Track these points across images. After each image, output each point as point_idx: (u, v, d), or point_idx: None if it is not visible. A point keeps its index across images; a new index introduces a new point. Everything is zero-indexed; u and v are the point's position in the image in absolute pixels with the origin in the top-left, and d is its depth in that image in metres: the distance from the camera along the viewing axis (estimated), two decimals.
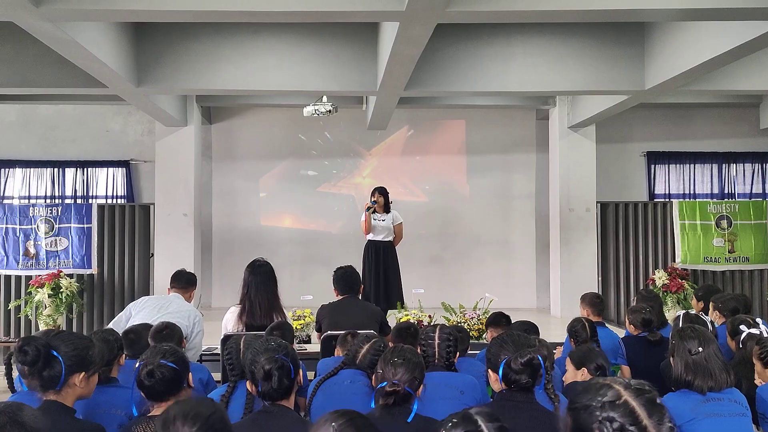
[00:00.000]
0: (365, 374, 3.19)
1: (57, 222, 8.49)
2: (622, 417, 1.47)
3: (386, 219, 7.29)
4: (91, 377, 2.53)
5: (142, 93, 6.50)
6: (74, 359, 2.46)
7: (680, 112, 9.80)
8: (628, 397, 1.50)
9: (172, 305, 4.65)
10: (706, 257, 8.89)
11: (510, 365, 2.50)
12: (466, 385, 3.20)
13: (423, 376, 2.57)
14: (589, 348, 3.45)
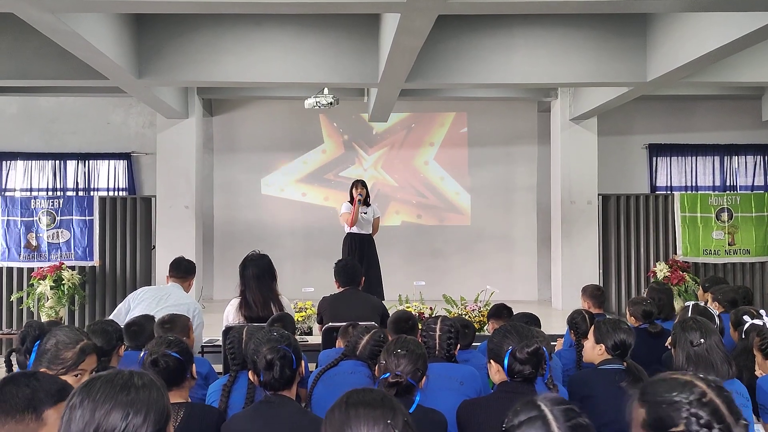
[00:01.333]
0: (366, 365, 3.19)
1: (59, 214, 8.50)
2: (709, 415, 1.50)
3: (368, 212, 7.27)
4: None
5: (143, 85, 6.49)
6: (42, 351, 2.41)
7: (682, 105, 9.77)
8: (713, 396, 1.52)
9: (171, 297, 4.64)
10: (705, 250, 8.88)
11: (515, 355, 2.50)
12: (465, 377, 3.21)
13: (426, 367, 2.57)
14: (614, 322, 3.39)
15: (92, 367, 2.46)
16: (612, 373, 3.21)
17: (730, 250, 8.90)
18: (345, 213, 7.23)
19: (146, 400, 1.45)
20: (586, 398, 3.14)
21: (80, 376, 2.41)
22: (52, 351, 2.38)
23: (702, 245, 8.89)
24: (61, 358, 2.38)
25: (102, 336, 3.16)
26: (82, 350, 2.42)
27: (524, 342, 2.51)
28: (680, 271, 8.34)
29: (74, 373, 2.40)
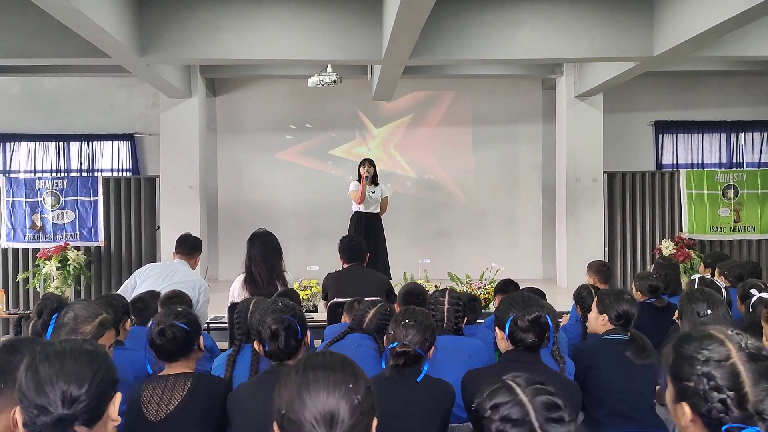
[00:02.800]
0: (372, 338, 3.19)
1: (63, 195, 8.50)
2: (723, 379, 1.42)
3: (376, 191, 7.27)
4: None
5: (145, 63, 6.45)
6: (60, 324, 2.38)
7: (688, 81, 9.69)
8: (738, 360, 1.42)
9: (177, 274, 4.66)
10: (712, 227, 8.85)
11: (516, 322, 2.50)
12: (473, 349, 3.21)
13: (434, 338, 2.57)
14: (617, 292, 3.38)
15: (110, 342, 2.43)
16: (615, 344, 3.21)
17: (736, 227, 8.87)
18: (353, 191, 7.24)
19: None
20: (591, 368, 3.14)
21: None
22: (71, 324, 2.35)
23: (708, 222, 8.86)
24: (80, 331, 2.34)
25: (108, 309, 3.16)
26: (101, 324, 2.39)
27: (526, 310, 2.51)
28: (686, 248, 8.32)
29: None
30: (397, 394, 2.37)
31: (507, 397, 1.47)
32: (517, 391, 1.48)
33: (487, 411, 1.47)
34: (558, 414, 1.46)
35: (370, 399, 1.40)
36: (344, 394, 1.36)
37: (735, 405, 1.41)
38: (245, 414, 2.31)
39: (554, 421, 1.45)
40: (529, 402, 1.45)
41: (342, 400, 1.35)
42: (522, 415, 1.44)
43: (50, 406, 1.40)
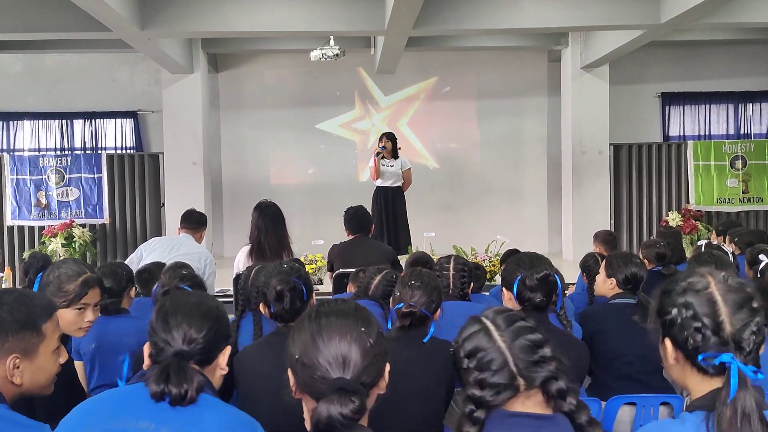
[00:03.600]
0: (378, 304, 3.18)
1: (67, 172, 8.50)
2: (700, 306, 1.39)
3: (395, 165, 7.25)
4: (60, 309, 2.12)
5: (146, 37, 6.40)
6: (44, 284, 2.35)
7: (695, 51, 9.56)
8: (716, 290, 1.40)
9: (183, 247, 4.66)
10: (719, 198, 8.80)
11: (525, 282, 2.48)
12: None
13: (440, 299, 2.55)
14: (626, 255, 3.34)
15: (95, 300, 2.40)
16: (623, 308, 3.18)
17: (744, 198, 8.81)
18: (370, 166, 7.24)
19: None
20: (597, 333, 3.12)
21: (83, 310, 2.36)
22: (55, 283, 2.33)
23: (716, 194, 8.80)
24: (64, 290, 2.32)
25: (112, 277, 3.15)
26: (84, 282, 2.35)
27: (534, 269, 2.49)
28: (693, 219, 8.27)
29: (77, 307, 2.34)
30: (403, 355, 2.35)
31: (485, 344, 1.45)
32: (495, 336, 1.45)
33: (464, 361, 1.45)
34: (540, 355, 1.44)
35: (382, 343, 1.41)
36: (356, 337, 1.37)
37: (711, 332, 1.38)
38: (251, 376, 2.30)
39: (536, 363, 1.43)
40: (508, 349, 1.43)
41: (354, 343, 1.36)
42: (501, 363, 1.42)
43: (173, 341, 1.65)
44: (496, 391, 1.40)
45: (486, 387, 1.40)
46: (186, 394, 1.54)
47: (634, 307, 3.14)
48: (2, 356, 1.65)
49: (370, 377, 1.36)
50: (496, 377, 1.41)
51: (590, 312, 3.35)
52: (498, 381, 1.41)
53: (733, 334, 1.38)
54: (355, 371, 1.34)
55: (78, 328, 2.38)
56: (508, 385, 1.41)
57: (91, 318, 2.40)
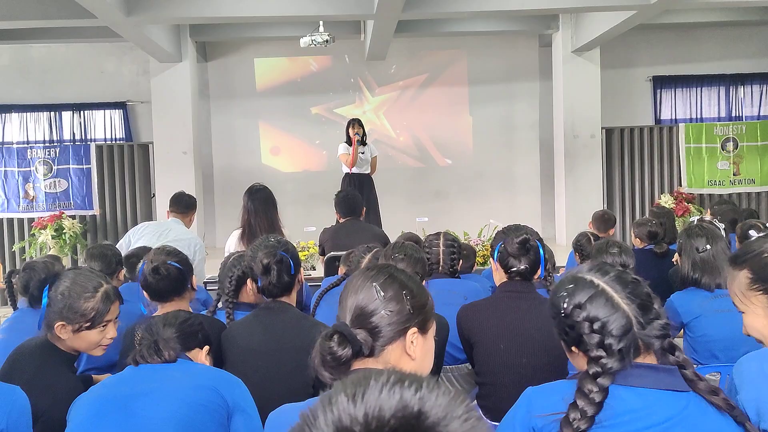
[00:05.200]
0: None
1: (55, 163, 8.42)
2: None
3: (365, 151, 7.20)
4: (79, 332, 2.08)
5: (132, 23, 6.32)
6: (55, 301, 2.07)
7: (686, 34, 9.53)
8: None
9: (171, 232, 4.62)
10: (710, 180, 8.80)
11: (506, 248, 2.45)
12: (469, 291, 3.17)
13: (425, 271, 2.53)
14: (600, 247, 3.32)
15: (117, 314, 2.16)
16: None
17: (735, 180, 8.81)
18: (344, 154, 7.15)
19: None
20: None
21: (105, 328, 2.11)
22: (68, 304, 2.04)
23: (707, 176, 8.80)
24: (81, 310, 2.04)
25: (101, 260, 3.13)
26: (105, 297, 2.08)
27: (514, 234, 2.47)
28: (685, 202, 8.27)
29: (101, 325, 2.09)
30: None
31: (608, 310, 1.43)
32: (617, 300, 1.43)
33: (585, 325, 1.43)
34: (654, 312, 1.45)
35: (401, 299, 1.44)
36: (366, 290, 1.45)
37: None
38: (240, 351, 2.27)
39: (650, 321, 1.44)
40: (631, 312, 1.43)
41: (362, 294, 1.45)
42: (626, 329, 1.42)
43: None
44: (621, 357, 1.40)
45: (612, 354, 1.40)
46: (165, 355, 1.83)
47: None
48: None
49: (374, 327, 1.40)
50: (622, 342, 1.41)
51: None
52: (624, 345, 1.41)
53: None
54: (352, 318, 1.41)
55: (98, 347, 2.15)
56: (632, 350, 1.42)
57: (113, 335, 2.15)
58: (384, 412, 0.64)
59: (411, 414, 0.64)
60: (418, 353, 1.42)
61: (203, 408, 1.75)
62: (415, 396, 0.66)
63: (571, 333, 1.46)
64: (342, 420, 0.65)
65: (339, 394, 0.67)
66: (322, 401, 0.67)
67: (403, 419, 0.64)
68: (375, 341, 1.39)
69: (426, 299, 1.48)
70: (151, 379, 1.80)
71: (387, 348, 1.40)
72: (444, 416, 0.65)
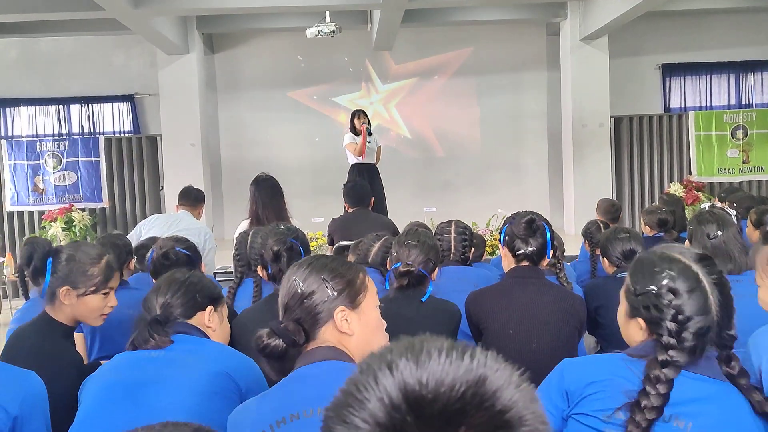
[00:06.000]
0: (378, 271, 3.15)
1: (64, 156, 8.45)
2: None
3: (371, 141, 7.21)
4: (84, 297, 2.17)
5: (139, 15, 6.33)
6: (62, 268, 2.16)
7: (696, 21, 9.46)
8: (706, 284, 1.47)
9: (181, 222, 4.65)
10: (720, 169, 8.74)
11: (513, 230, 2.45)
12: (480, 278, 3.17)
13: (437, 258, 2.52)
14: (609, 235, 3.28)
15: (117, 284, 2.29)
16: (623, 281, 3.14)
17: (745, 167, 8.75)
18: (351, 143, 7.14)
19: None
20: (600, 307, 3.09)
21: (108, 295, 2.22)
22: (77, 268, 2.14)
23: (717, 164, 8.74)
24: (89, 274, 2.14)
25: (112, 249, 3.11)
26: (109, 265, 2.21)
27: (521, 216, 2.47)
28: (695, 191, 8.23)
29: (103, 292, 2.19)
30: (402, 314, 2.33)
31: (700, 308, 1.44)
32: (711, 302, 1.44)
33: (670, 312, 1.44)
34: (730, 324, 1.47)
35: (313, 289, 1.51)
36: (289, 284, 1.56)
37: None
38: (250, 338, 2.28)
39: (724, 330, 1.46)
40: (716, 314, 1.44)
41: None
42: (705, 330, 1.43)
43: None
44: (689, 353, 1.42)
45: (683, 350, 1.41)
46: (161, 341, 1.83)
47: None
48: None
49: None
50: (696, 340, 1.43)
51: (593, 286, 3.31)
52: (696, 344, 1.43)
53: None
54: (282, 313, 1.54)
55: (99, 315, 2.23)
56: (700, 348, 1.44)
57: (114, 303, 2.26)
58: (450, 376, 0.65)
59: (475, 378, 0.65)
60: (356, 328, 1.49)
61: (216, 396, 1.74)
62: (475, 361, 0.66)
63: (653, 311, 1.47)
64: (408, 383, 0.64)
65: (398, 358, 0.67)
66: (375, 365, 0.67)
67: (468, 383, 0.64)
68: (311, 327, 1.48)
69: (352, 276, 1.53)
70: (161, 364, 1.78)
71: (321, 329, 1.49)
72: (503, 383, 0.65)
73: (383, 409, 0.64)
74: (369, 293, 1.55)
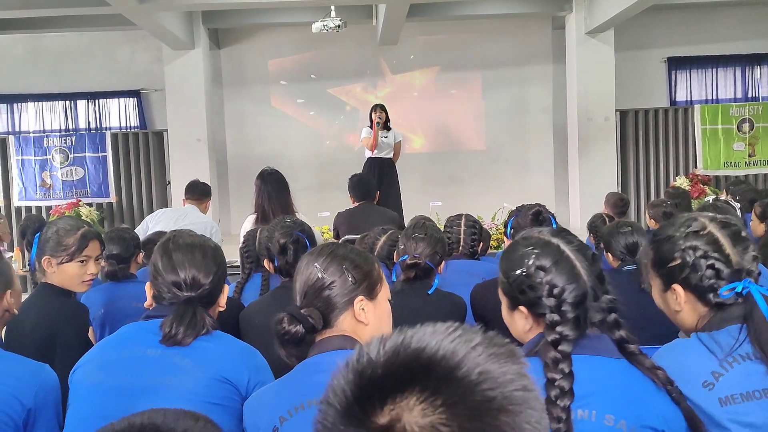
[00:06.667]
0: (384, 265, 3.17)
1: (71, 152, 8.50)
2: (706, 245, 1.51)
3: (388, 136, 7.23)
4: (62, 264, 2.36)
5: (145, 10, 6.34)
6: (43, 240, 2.39)
7: (701, 14, 9.42)
8: (713, 229, 1.52)
9: (188, 217, 4.68)
10: (726, 162, 8.72)
11: (519, 222, 2.47)
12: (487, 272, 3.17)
13: (444, 251, 2.54)
14: (612, 229, 3.27)
15: (96, 253, 2.44)
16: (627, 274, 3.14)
17: (751, 161, 8.73)
18: (366, 137, 7.19)
19: None
20: None
21: (85, 263, 2.40)
22: (54, 239, 2.35)
23: (723, 157, 8.72)
24: (64, 244, 2.35)
25: (119, 243, 3.16)
26: (83, 236, 2.38)
27: (527, 208, 2.48)
28: (701, 184, 8.21)
29: (79, 259, 2.38)
30: (409, 307, 2.35)
31: (568, 278, 1.44)
32: (579, 269, 1.45)
33: (544, 288, 1.43)
34: (604, 287, 1.50)
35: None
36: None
37: (724, 266, 1.49)
38: (257, 330, 2.30)
39: (601, 296, 1.48)
40: (588, 282, 1.45)
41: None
42: (581, 299, 1.43)
43: (180, 286, 1.74)
44: (575, 326, 1.41)
45: (566, 322, 1.40)
46: (192, 338, 1.69)
47: (634, 273, 3.08)
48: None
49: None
50: (576, 311, 1.42)
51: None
52: (578, 314, 1.42)
53: (738, 264, 1.50)
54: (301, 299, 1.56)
55: (81, 282, 2.42)
56: (583, 320, 1.43)
57: (94, 271, 2.44)
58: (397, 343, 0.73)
59: (417, 345, 0.72)
60: (371, 318, 1.52)
61: (216, 407, 1.65)
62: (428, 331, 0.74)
63: (529, 293, 1.45)
64: (362, 359, 0.72)
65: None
66: None
67: (405, 348, 0.72)
68: (328, 314, 1.51)
69: (370, 267, 1.56)
70: (156, 369, 1.67)
71: (339, 318, 1.51)
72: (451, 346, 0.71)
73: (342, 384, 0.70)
74: (384, 285, 1.59)
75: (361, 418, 0.66)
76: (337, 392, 0.69)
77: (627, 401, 1.36)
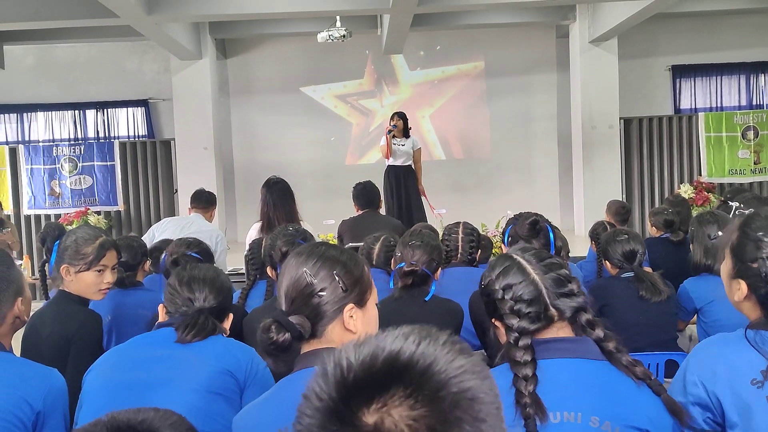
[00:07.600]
0: (383, 271, 3.22)
1: (80, 161, 8.61)
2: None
3: (406, 144, 7.26)
4: (80, 273, 2.43)
5: (153, 22, 6.45)
6: (62, 249, 2.46)
7: (705, 22, 9.45)
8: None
9: (193, 225, 4.73)
10: (731, 170, 8.74)
11: (516, 231, 2.51)
12: None
13: (441, 258, 2.59)
14: (609, 238, 3.30)
15: (113, 263, 2.49)
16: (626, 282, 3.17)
17: (756, 168, 8.74)
18: (382, 145, 7.25)
19: None
20: (605, 306, 3.12)
21: (102, 272, 2.45)
22: (72, 247, 2.41)
23: (727, 165, 8.73)
24: (82, 253, 2.40)
25: (127, 251, 3.21)
26: (101, 245, 2.44)
27: (524, 217, 2.52)
28: (705, 192, 8.23)
29: (96, 269, 2.43)
30: (406, 313, 2.40)
31: (519, 278, 1.52)
32: (529, 270, 1.52)
33: (499, 292, 1.52)
34: (568, 288, 1.52)
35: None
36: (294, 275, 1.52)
37: None
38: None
39: (565, 295, 1.51)
40: (541, 281, 1.51)
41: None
42: (535, 294, 1.50)
43: (196, 300, 1.93)
44: (532, 320, 1.48)
45: (523, 317, 1.48)
46: (201, 337, 1.87)
47: (633, 280, 3.11)
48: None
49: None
50: (531, 307, 1.49)
51: (597, 285, 3.35)
52: (534, 310, 1.49)
53: None
54: (287, 305, 1.46)
55: (97, 290, 2.47)
56: (542, 315, 1.49)
57: (110, 280, 2.50)
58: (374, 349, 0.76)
59: (392, 350, 0.75)
60: (359, 326, 1.45)
61: (219, 397, 1.76)
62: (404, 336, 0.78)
63: (491, 305, 1.55)
64: (341, 363, 0.75)
65: None
66: None
67: (383, 353, 0.75)
68: (315, 323, 1.42)
69: (360, 272, 1.48)
70: (166, 365, 1.80)
71: (327, 327, 1.43)
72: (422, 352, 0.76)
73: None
74: (373, 290, 1.55)
75: (349, 418, 0.71)
76: (321, 396, 0.73)
77: (611, 402, 1.40)
